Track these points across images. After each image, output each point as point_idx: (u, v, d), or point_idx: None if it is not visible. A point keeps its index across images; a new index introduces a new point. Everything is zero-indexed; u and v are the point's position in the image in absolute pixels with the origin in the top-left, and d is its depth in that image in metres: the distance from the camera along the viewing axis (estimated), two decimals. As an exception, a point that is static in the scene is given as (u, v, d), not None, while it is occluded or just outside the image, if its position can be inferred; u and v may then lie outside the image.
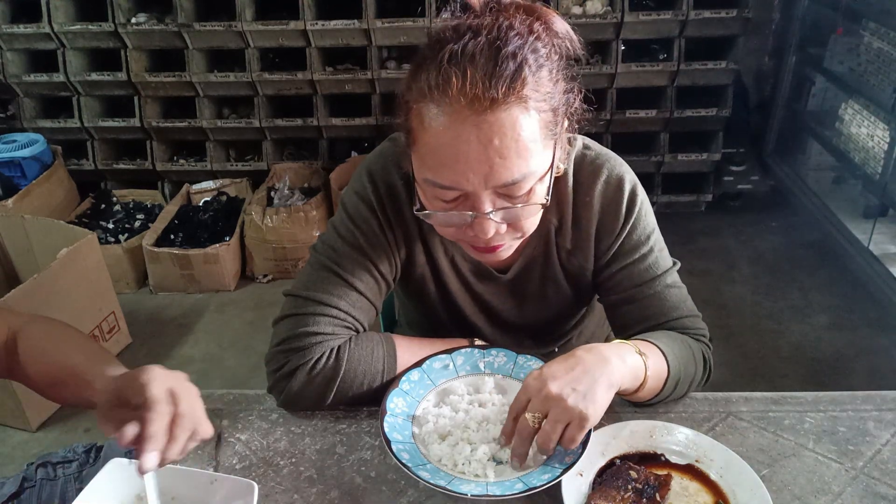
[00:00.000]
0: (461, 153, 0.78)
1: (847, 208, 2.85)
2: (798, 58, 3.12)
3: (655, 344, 0.91)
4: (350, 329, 0.97)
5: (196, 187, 3.17)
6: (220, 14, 2.91)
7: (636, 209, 0.98)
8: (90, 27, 2.90)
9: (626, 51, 2.92)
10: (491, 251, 0.90)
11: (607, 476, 0.83)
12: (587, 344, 0.87)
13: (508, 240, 0.89)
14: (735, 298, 2.67)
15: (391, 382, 0.95)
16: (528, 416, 0.80)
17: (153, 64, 3.06)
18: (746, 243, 3.04)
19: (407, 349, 0.99)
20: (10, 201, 2.70)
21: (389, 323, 1.43)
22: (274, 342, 0.96)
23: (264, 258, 2.86)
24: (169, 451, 0.71)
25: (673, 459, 0.87)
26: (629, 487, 0.81)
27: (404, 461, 0.82)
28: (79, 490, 0.76)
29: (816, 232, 2.92)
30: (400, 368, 0.97)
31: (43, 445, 2.06)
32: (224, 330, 2.61)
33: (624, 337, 0.98)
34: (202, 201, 3.11)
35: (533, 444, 0.84)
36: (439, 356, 1.00)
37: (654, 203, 3.16)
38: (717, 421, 0.94)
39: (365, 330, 0.99)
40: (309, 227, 2.81)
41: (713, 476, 0.84)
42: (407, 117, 0.83)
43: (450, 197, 0.82)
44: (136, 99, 3.08)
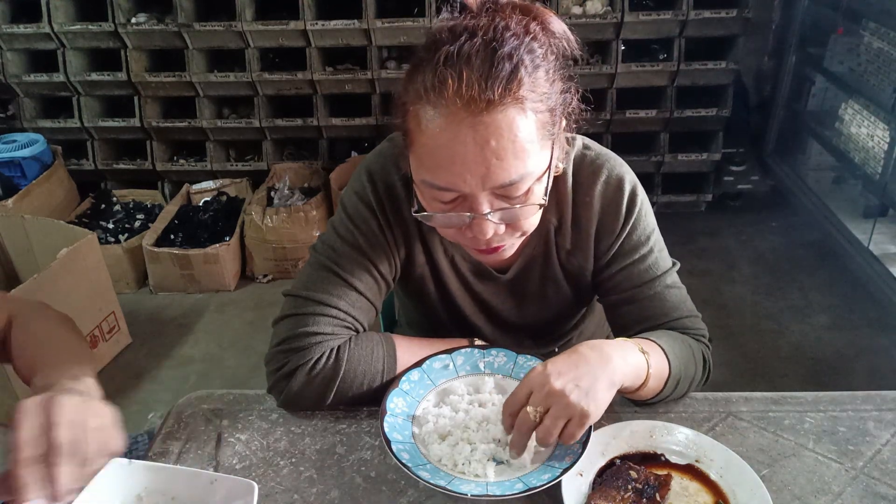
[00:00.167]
0: (458, 155, 0.77)
1: (847, 208, 2.85)
2: (798, 58, 3.12)
3: (657, 343, 0.92)
4: (350, 329, 0.97)
5: (196, 187, 3.17)
6: (220, 14, 2.91)
7: (636, 209, 0.98)
8: (90, 27, 2.90)
9: (626, 51, 2.92)
10: (491, 252, 0.90)
11: (607, 476, 0.83)
12: (591, 340, 0.87)
13: (508, 240, 0.89)
14: (735, 298, 2.67)
15: (391, 382, 0.95)
16: (530, 410, 0.80)
17: (153, 64, 3.06)
18: (746, 243, 3.04)
19: (407, 349, 0.99)
20: (10, 201, 2.70)
21: (389, 323, 1.43)
22: (274, 342, 0.96)
23: (264, 258, 2.86)
24: (54, 494, 0.67)
25: (673, 459, 0.87)
26: (629, 487, 0.81)
27: (404, 461, 0.82)
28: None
29: (816, 232, 2.92)
30: (400, 368, 0.97)
31: (43, 445, 2.06)
32: (224, 330, 2.61)
33: (624, 336, 0.98)
34: (202, 201, 3.11)
35: (533, 441, 0.84)
36: (439, 356, 1.00)
37: (654, 203, 3.17)
38: (717, 421, 0.94)
39: (365, 330, 0.99)
40: (309, 227, 2.81)
41: (713, 476, 0.84)
42: (404, 119, 0.83)
43: (447, 198, 0.82)
44: (136, 99, 3.09)
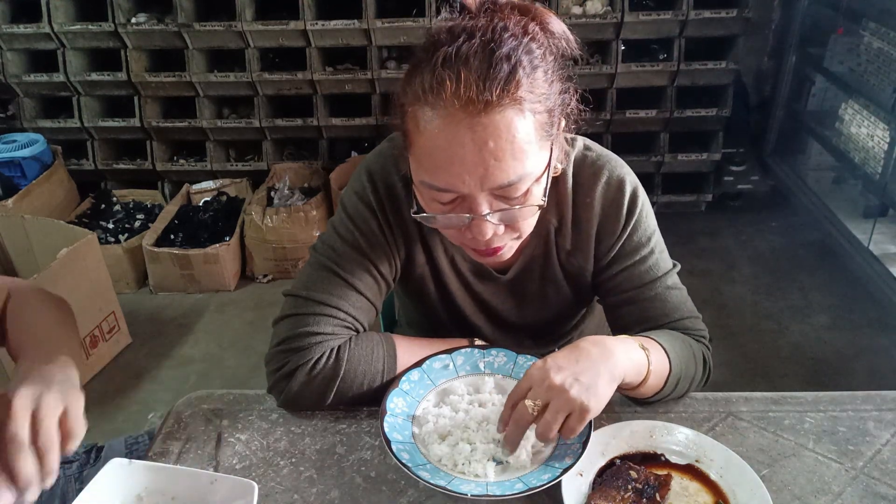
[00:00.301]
0: (456, 156, 0.77)
1: (847, 208, 2.85)
2: (798, 58, 3.12)
3: (658, 341, 0.92)
4: (350, 329, 0.97)
5: (196, 187, 3.17)
6: (220, 14, 2.91)
7: (637, 211, 0.98)
8: (90, 27, 2.90)
9: (626, 51, 2.92)
10: (490, 253, 0.90)
11: (607, 476, 0.83)
12: (592, 336, 0.87)
13: (507, 241, 0.89)
14: (735, 298, 2.67)
15: (391, 382, 0.95)
16: (528, 404, 0.80)
17: (153, 64, 3.06)
18: (746, 243, 3.04)
19: (407, 349, 0.99)
20: (10, 201, 2.70)
21: (389, 323, 1.43)
22: (274, 342, 0.96)
23: (264, 258, 2.86)
24: (17, 485, 0.67)
25: (673, 459, 0.87)
26: (629, 487, 0.81)
27: (404, 461, 0.82)
28: (79, 490, 0.76)
29: (816, 232, 2.92)
30: (400, 368, 0.97)
31: (43, 445, 2.06)
32: (224, 330, 2.61)
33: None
34: (202, 201, 3.11)
35: (532, 439, 0.84)
36: (439, 356, 1.00)
37: (654, 203, 3.16)
38: (717, 421, 0.94)
39: (365, 330, 0.99)
40: (309, 227, 2.81)
41: (713, 476, 0.84)
42: (402, 120, 0.83)
43: (446, 199, 0.82)
44: (136, 99, 3.08)
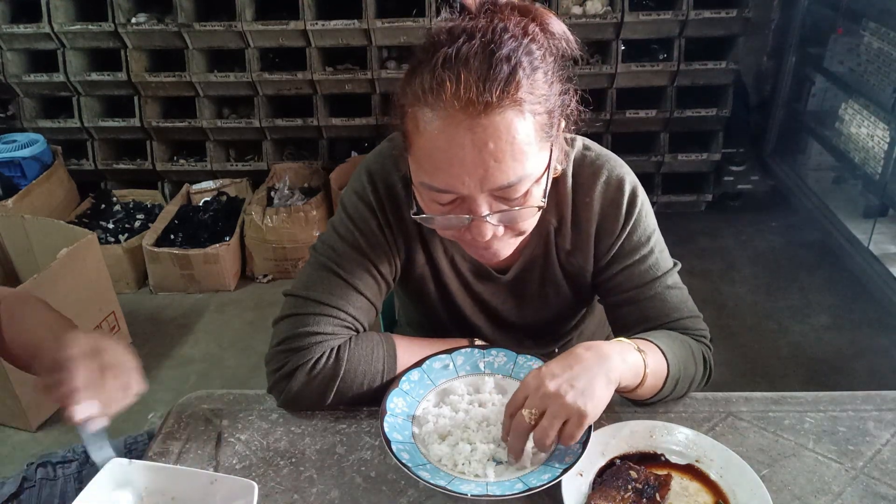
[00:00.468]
0: (456, 157, 0.77)
1: (847, 208, 2.85)
2: (798, 58, 3.12)
3: (655, 343, 0.92)
4: (350, 329, 0.97)
5: (196, 187, 3.17)
6: (220, 14, 2.91)
7: (636, 210, 0.98)
8: (90, 27, 2.90)
9: (626, 51, 2.92)
10: (490, 253, 0.90)
11: (607, 476, 0.83)
12: (586, 341, 0.87)
13: (507, 241, 0.89)
14: (735, 298, 2.67)
15: (391, 382, 0.95)
16: (525, 413, 0.80)
17: (153, 64, 3.06)
18: (746, 243, 3.04)
19: (407, 349, 0.99)
20: (10, 201, 2.70)
21: (389, 323, 1.43)
22: (274, 342, 0.96)
23: (264, 258, 2.86)
24: (100, 401, 0.75)
25: (673, 459, 0.87)
26: (629, 487, 0.81)
27: (404, 461, 0.82)
28: (78, 490, 0.76)
29: (816, 232, 2.92)
30: (400, 368, 0.97)
31: (43, 445, 2.06)
32: (224, 330, 2.61)
33: (624, 337, 0.98)
34: (202, 201, 3.11)
35: (531, 444, 0.84)
36: (439, 356, 1.00)
37: (654, 203, 3.16)
38: (717, 421, 0.94)
39: (365, 330, 0.99)
40: (309, 227, 2.81)
41: (713, 476, 0.84)
42: (402, 121, 0.83)
43: (446, 200, 0.82)
44: (136, 99, 3.08)
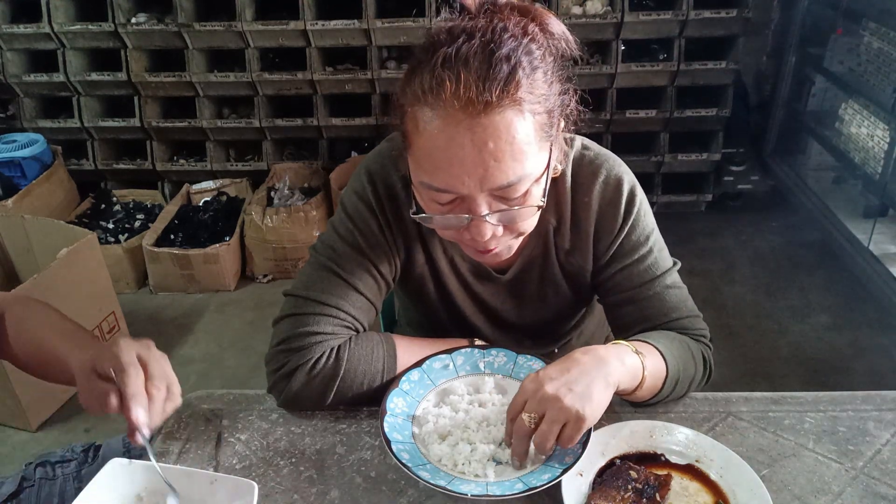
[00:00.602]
0: (456, 157, 0.77)
1: (847, 208, 2.85)
2: (798, 58, 3.12)
3: (653, 344, 0.92)
4: (350, 329, 0.97)
5: (196, 187, 3.17)
6: (220, 14, 2.91)
7: (635, 210, 0.98)
8: (90, 27, 2.90)
9: (626, 51, 2.92)
10: (489, 253, 0.90)
11: (607, 476, 0.83)
12: (585, 346, 0.87)
13: (506, 241, 0.89)
14: (735, 298, 2.67)
15: (391, 382, 0.95)
16: (525, 417, 0.80)
17: (153, 64, 3.06)
18: (746, 243, 3.04)
19: (407, 349, 0.99)
20: (10, 201, 2.70)
21: (389, 323, 1.43)
22: (274, 342, 0.96)
23: (264, 258, 2.86)
24: (150, 412, 0.76)
25: (673, 459, 0.87)
26: (629, 487, 0.81)
27: (404, 461, 0.82)
28: (78, 489, 0.77)
29: (816, 232, 2.92)
30: (400, 368, 0.97)
31: (43, 445, 2.06)
32: (224, 330, 2.61)
33: (623, 337, 0.98)
34: (202, 201, 3.11)
35: (532, 447, 0.84)
36: (439, 356, 1.00)
37: (654, 203, 3.17)
38: (717, 421, 0.94)
39: (365, 330, 0.99)
40: (309, 227, 2.81)
41: (713, 476, 0.84)
42: (402, 121, 0.83)
43: (445, 200, 0.82)
44: (136, 99, 3.08)
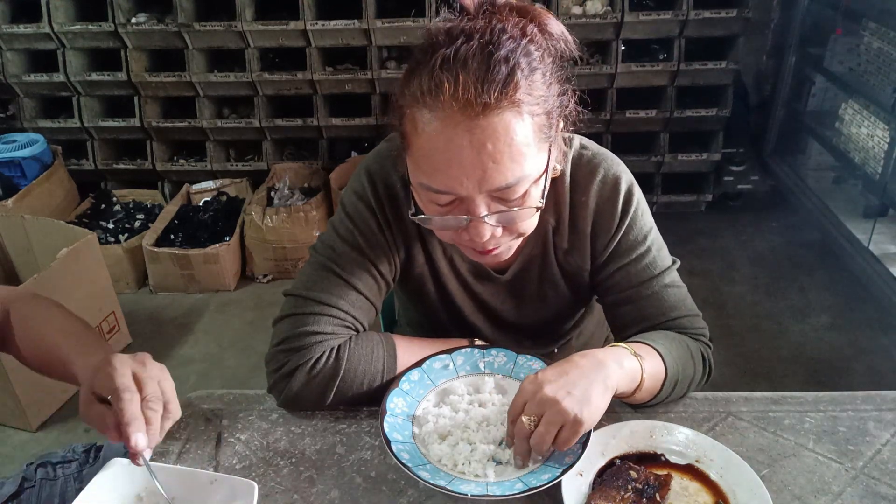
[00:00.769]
0: (454, 158, 0.78)
1: (847, 208, 2.85)
2: (798, 58, 3.12)
3: (652, 346, 0.91)
4: (350, 329, 0.97)
5: (196, 187, 3.17)
6: (220, 14, 2.91)
7: (632, 209, 0.98)
8: (90, 27, 2.90)
9: (626, 51, 2.92)
10: (489, 253, 0.90)
11: (607, 476, 0.83)
12: (585, 347, 0.87)
13: (506, 242, 0.89)
14: (735, 298, 2.67)
15: (391, 382, 0.95)
16: (525, 419, 0.81)
17: (153, 64, 3.06)
18: (746, 243, 3.04)
19: (407, 349, 0.99)
20: (10, 201, 2.70)
21: (389, 323, 1.43)
22: (274, 342, 0.96)
23: (264, 258, 2.86)
24: (148, 433, 0.75)
25: (673, 459, 0.87)
26: (629, 487, 0.81)
27: (404, 461, 0.83)
28: (78, 490, 0.76)
29: (816, 232, 2.92)
30: (400, 368, 0.97)
31: (43, 445, 2.06)
32: (224, 330, 2.61)
33: (622, 337, 0.98)
34: (202, 201, 3.11)
35: None
36: (439, 356, 1.00)
37: (654, 203, 3.17)
38: (717, 421, 0.94)
39: (365, 330, 0.99)
40: (309, 227, 2.81)
41: (713, 476, 0.84)
42: (401, 122, 0.83)
43: (444, 201, 0.83)
44: (136, 99, 3.08)
